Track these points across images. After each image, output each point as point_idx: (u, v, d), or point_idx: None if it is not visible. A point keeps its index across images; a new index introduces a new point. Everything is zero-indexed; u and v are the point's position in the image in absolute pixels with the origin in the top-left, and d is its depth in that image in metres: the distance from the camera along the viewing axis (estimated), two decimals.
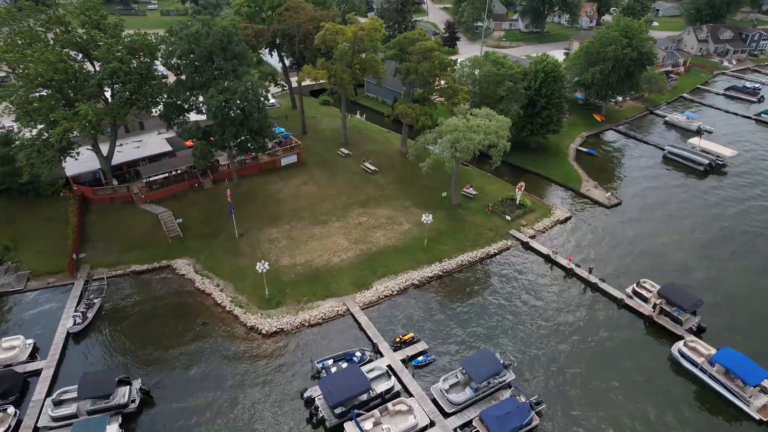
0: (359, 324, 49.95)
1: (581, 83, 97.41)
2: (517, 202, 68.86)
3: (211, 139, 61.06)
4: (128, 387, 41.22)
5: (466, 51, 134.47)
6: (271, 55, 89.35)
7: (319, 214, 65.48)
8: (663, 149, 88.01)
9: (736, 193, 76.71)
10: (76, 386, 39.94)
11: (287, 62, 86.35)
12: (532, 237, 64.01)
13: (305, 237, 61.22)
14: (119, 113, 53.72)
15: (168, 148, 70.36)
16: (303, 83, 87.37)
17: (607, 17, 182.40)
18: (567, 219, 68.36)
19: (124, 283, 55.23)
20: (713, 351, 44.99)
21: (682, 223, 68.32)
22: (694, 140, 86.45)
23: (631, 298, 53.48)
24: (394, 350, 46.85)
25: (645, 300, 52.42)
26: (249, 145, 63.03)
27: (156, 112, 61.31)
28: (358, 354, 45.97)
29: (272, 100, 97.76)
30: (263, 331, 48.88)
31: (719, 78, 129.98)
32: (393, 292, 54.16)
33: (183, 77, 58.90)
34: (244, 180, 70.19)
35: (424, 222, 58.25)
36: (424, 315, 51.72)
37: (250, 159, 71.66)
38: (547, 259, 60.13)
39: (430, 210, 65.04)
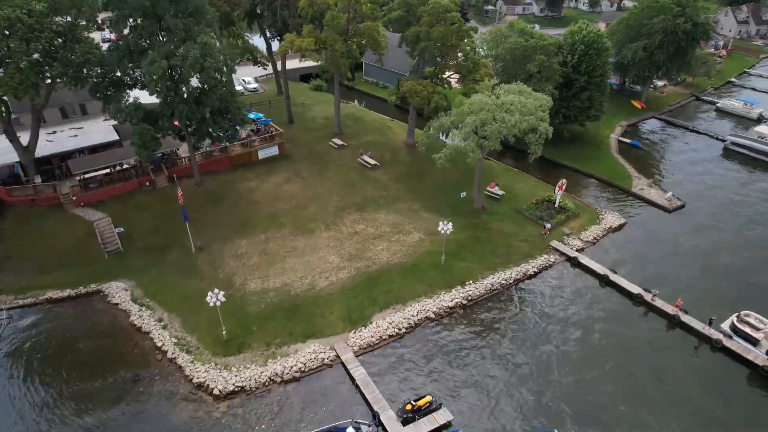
0: (353, 380, 35.14)
1: (618, 64, 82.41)
2: (557, 204, 54.11)
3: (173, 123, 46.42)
4: None
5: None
6: (251, 28, 74.56)
7: (303, 220, 50.80)
8: (723, 140, 73.20)
9: None
10: None
11: (270, 35, 71.48)
12: (580, 250, 49.22)
13: (284, 251, 46.50)
14: (22, 85, 38.85)
15: (114, 136, 55.68)
16: (291, 66, 73.08)
17: (628, 2, 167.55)
18: (621, 226, 53.51)
19: (33, 316, 40.53)
20: None
21: None
22: (763, 128, 71.55)
23: (730, 338, 38.64)
24: (404, 422, 32.09)
25: (753, 342, 37.57)
26: (210, 130, 48.25)
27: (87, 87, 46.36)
28: (350, 430, 31.19)
29: (254, 85, 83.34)
30: (216, 391, 34.12)
31: (766, 62, 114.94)
32: (400, 329, 39.36)
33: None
34: (210, 177, 55.43)
35: (442, 231, 43.44)
36: (445, 366, 36.88)
37: (218, 150, 56.97)
38: (604, 280, 45.36)
39: (445, 215, 50.51)
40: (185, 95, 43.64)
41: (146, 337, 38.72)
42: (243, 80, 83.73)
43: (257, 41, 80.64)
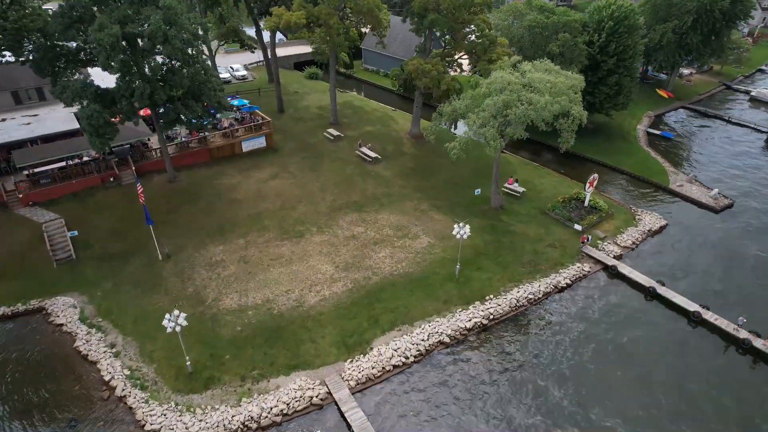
0: (349, 426, 27.63)
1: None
2: (587, 203, 46.60)
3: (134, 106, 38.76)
4: None
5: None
6: (237, 7, 66.99)
7: (291, 222, 43.29)
8: (766, 131, 65.66)
9: None
10: None
11: (257, 12, 63.96)
12: (618, 257, 41.69)
13: (267, 260, 38.98)
14: None
15: (74, 125, 48.13)
16: (284, 53, 65.46)
17: None
18: (662, 228, 45.99)
19: None
20: None
21: None
22: None
23: None
24: None
25: None
26: (180, 116, 40.72)
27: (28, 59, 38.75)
28: None
29: (243, 72, 75.81)
30: None
31: None
32: (408, 358, 31.81)
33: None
34: (185, 172, 47.95)
35: (457, 236, 35.86)
36: (464, 405, 29.34)
37: (196, 141, 49.49)
38: (650, 293, 37.81)
39: (459, 215, 43.19)
40: (147, 72, 36.04)
41: (93, 368, 31.25)
42: (231, 67, 76.44)
43: (253, 35, 73.25)
